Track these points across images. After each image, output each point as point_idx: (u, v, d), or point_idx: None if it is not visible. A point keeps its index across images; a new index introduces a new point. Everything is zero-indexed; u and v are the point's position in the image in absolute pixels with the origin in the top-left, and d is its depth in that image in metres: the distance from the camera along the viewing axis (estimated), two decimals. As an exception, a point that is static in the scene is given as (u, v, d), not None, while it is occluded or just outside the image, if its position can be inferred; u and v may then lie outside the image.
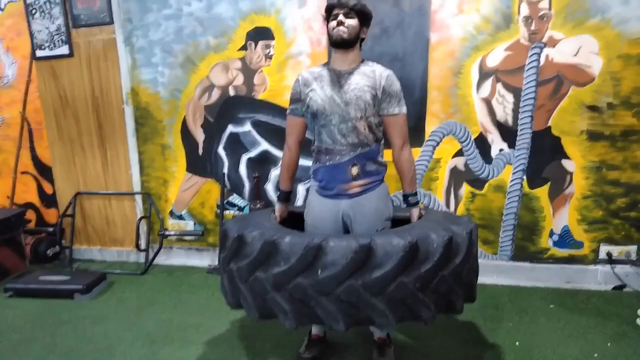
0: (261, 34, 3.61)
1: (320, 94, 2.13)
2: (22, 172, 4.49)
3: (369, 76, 2.11)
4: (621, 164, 3.22)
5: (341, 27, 2.05)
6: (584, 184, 3.31)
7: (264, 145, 3.80)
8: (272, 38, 3.59)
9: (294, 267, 1.84)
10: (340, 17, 2.06)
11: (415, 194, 2.26)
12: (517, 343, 2.66)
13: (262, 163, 3.83)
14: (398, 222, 2.31)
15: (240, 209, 3.95)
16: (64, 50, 3.96)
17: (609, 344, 2.63)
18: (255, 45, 3.64)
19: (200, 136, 3.91)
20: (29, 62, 4.16)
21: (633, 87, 3.05)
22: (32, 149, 4.44)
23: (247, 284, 1.99)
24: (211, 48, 3.71)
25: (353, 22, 2.07)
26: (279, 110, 3.66)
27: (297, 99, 2.22)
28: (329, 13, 2.12)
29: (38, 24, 3.96)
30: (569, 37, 3.13)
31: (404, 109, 2.17)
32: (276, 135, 3.72)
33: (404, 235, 1.85)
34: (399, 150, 2.20)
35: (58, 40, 3.95)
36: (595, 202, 3.32)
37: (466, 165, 3.47)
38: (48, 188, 4.47)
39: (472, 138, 3.42)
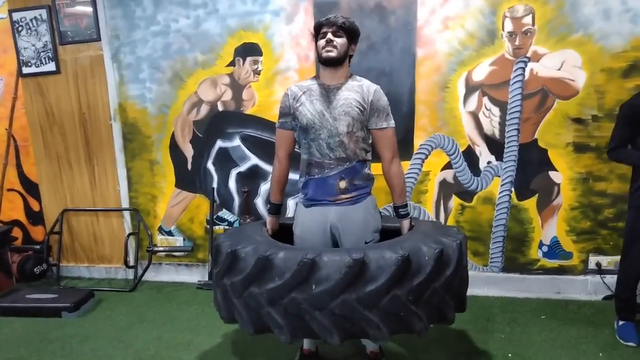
0: (249, 50, 3.63)
1: (310, 108, 2.14)
2: (8, 189, 4.44)
3: (356, 91, 2.14)
4: (607, 175, 3.26)
5: (330, 47, 2.07)
6: (572, 195, 3.35)
7: (254, 160, 3.80)
8: (260, 54, 3.62)
9: (288, 282, 1.85)
10: (329, 36, 2.08)
11: (406, 205, 2.28)
12: (509, 355, 2.66)
13: (252, 178, 3.82)
14: (388, 232, 2.32)
15: (230, 223, 3.93)
16: (51, 67, 3.94)
17: (600, 354, 2.64)
18: (244, 61, 3.66)
19: (189, 151, 3.90)
20: (15, 79, 4.13)
21: (616, 100, 3.11)
22: (19, 166, 4.41)
23: (241, 299, 1.99)
24: (199, 64, 3.73)
25: (342, 40, 2.09)
26: (268, 125, 3.67)
27: (286, 112, 2.23)
28: (318, 31, 2.14)
29: (24, 40, 3.95)
30: (552, 51, 3.19)
31: (392, 123, 2.20)
32: (265, 150, 3.72)
33: (395, 248, 1.86)
34: (389, 163, 2.22)
35: (45, 57, 3.94)
36: (583, 213, 3.36)
37: (455, 177, 3.50)
38: (35, 205, 4.42)
39: (460, 151, 3.45)
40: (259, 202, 3.85)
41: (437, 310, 1.97)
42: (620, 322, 2.84)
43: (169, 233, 4.07)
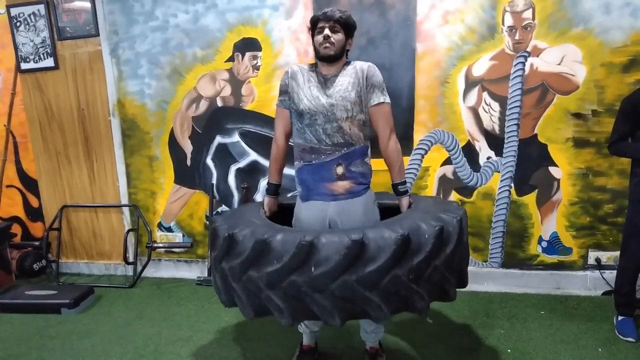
0: (248, 45, 3.62)
1: (307, 93, 2.14)
2: (7, 186, 4.42)
3: (351, 74, 2.14)
4: (607, 170, 3.26)
5: (327, 44, 2.07)
6: (571, 190, 3.34)
7: (253, 156, 3.79)
8: (259, 49, 3.60)
9: (287, 265, 1.82)
10: (326, 32, 2.07)
11: (404, 182, 2.24)
12: (508, 350, 2.66)
13: (251, 173, 3.81)
14: (388, 210, 2.30)
15: None
16: (49, 62, 3.94)
17: (599, 349, 2.64)
18: (243, 56, 3.64)
19: (188, 147, 3.90)
20: (13, 75, 4.11)
21: (617, 95, 3.10)
22: (17, 162, 4.39)
23: (240, 283, 1.97)
24: (198, 59, 3.72)
25: (339, 36, 2.09)
26: (267, 121, 3.66)
27: (285, 90, 2.23)
28: (314, 25, 2.13)
29: (23, 36, 3.95)
30: (552, 46, 3.18)
31: (388, 99, 2.18)
32: (265, 146, 3.70)
33: (395, 227, 1.83)
34: (387, 140, 2.20)
35: (43, 53, 3.93)
36: (583, 209, 3.35)
37: (454, 173, 3.49)
38: (34, 201, 4.41)
39: (460, 146, 3.44)
40: (259, 198, 3.84)
41: (438, 288, 1.94)
42: (620, 318, 2.84)
43: (169, 229, 4.07)
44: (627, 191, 2.81)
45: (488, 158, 3.43)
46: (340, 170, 2.15)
